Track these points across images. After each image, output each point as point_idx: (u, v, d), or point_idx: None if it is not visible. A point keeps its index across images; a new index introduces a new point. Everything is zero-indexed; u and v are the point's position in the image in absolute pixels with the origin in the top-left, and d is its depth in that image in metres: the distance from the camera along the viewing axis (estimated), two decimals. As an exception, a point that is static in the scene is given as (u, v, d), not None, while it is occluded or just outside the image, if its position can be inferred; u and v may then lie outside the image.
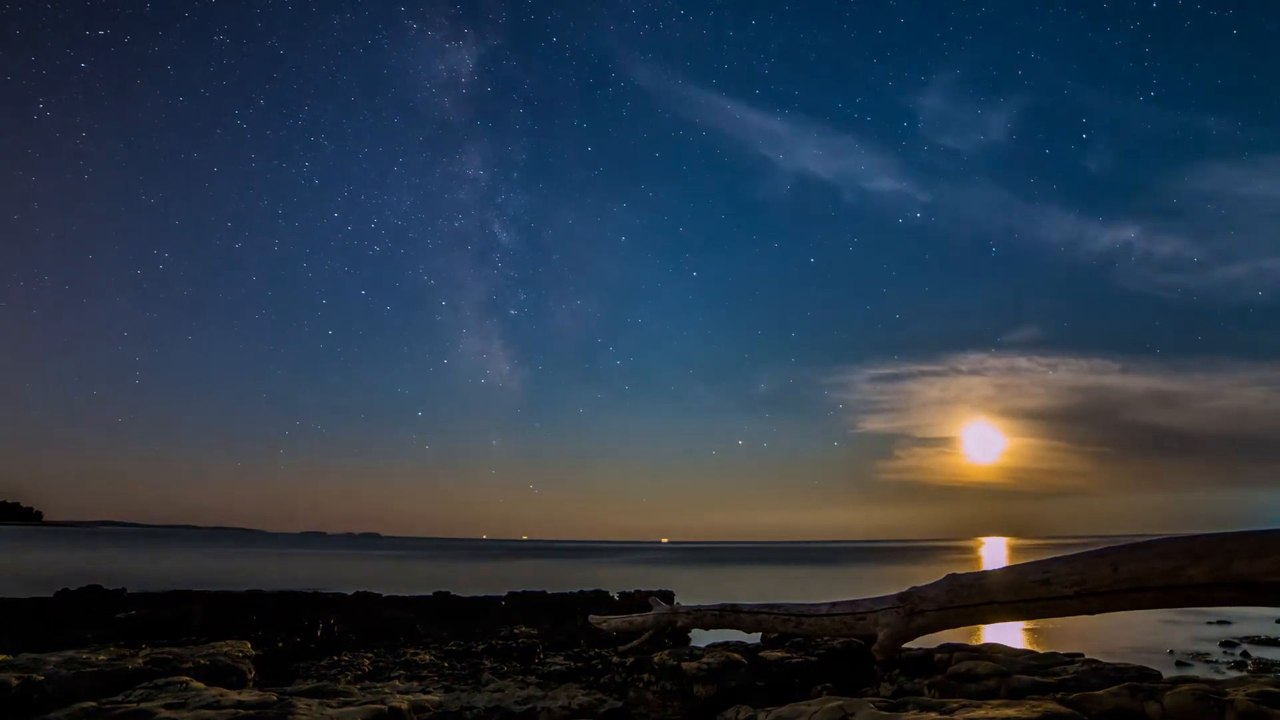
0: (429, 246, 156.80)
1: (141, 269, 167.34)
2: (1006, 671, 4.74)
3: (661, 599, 9.54)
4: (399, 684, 6.44)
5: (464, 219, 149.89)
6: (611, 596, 13.38)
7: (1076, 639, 10.62)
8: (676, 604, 8.50)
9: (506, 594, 13.18)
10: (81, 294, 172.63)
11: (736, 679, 5.58)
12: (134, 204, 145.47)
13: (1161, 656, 9.82)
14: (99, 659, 5.31)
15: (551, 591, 13.34)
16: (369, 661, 7.62)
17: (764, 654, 6.32)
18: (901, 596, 4.64)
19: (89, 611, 9.66)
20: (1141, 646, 10.57)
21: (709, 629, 7.23)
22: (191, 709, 3.97)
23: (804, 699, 4.76)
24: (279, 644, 8.45)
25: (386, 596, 12.52)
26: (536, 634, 10.01)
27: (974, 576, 4.17)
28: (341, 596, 12.08)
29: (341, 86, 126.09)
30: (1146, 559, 3.14)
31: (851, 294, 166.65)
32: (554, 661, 7.60)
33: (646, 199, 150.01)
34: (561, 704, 5.68)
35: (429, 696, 5.70)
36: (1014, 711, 3.32)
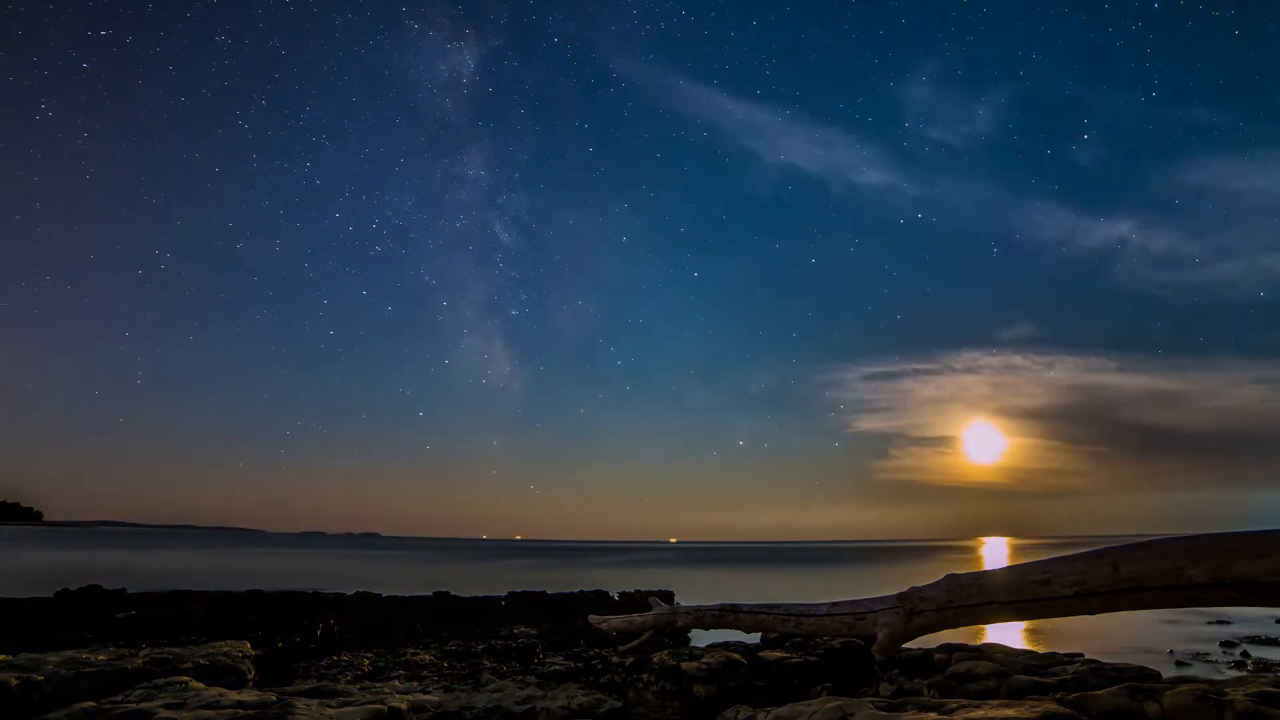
0: (430, 247, 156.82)
1: (143, 269, 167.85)
2: (1006, 671, 4.74)
3: (661, 599, 9.54)
4: (399, 684, 6.44)
5: (465, 219, 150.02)
6: (611, 596, 13.38)
7: (1076, 639, 10.60)
8: (676, 604, 8.50)
9: (506, 594, 13.20)
10: (83, 294, 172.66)
11: (736, 679, 5.58)
12: (136, 204, 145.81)
13: (1161, 656, 9.81)
14: (99, 659, 5.31)
15: (551, 591, 13.35)
16: (369, 661, 7.62)
17: (764, 654, 6.31)
18: (901, 597, 4.64)
19: (89, 611, 9.67)
20: (1141, 646, 10.57)
21: (709, 629, 7.23)
22: (191, 709, 3.97)
23: (803, 699, 4.76)
24: (279, 644, 8.45)
25: (386, 596, 12.54)
26: (536, 634, 10.01)
27: (973, 576, 4.17)
28: (341, 596, 12.09)
29: (343, 87, 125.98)
30: (1146, 559, 3.14)
31: (850, 293, 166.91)
32: (554, 661, 7.60)
33: (648, 199, 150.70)
34: (561, 704, 5.68)
35: (429, 696, 5.71)
36: (1013, 712, 3.32)
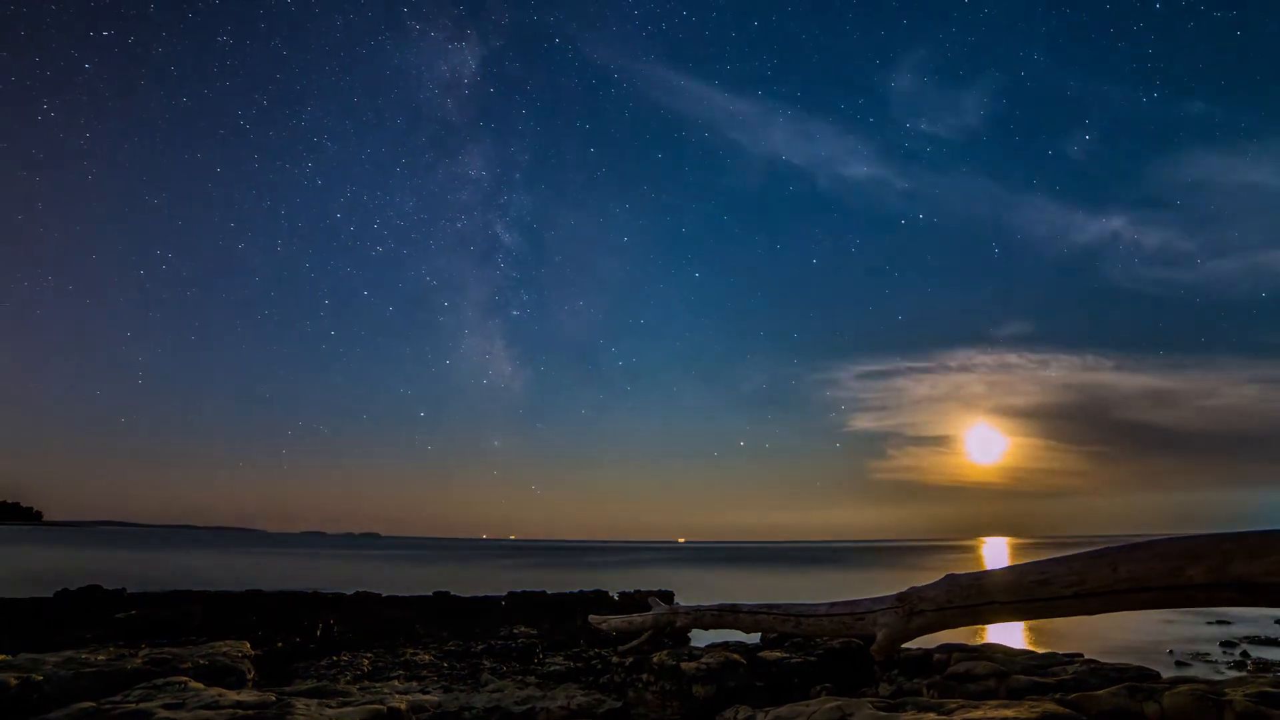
0: (431, 247, 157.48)
1: (144, 269, 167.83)
2: (1005, 672, 4.73)
3: (661, 599, 9.54)
4: (398, 684, 6.44)
5: (466, 220, 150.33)
6: (611, 596, 13.39)
7: (1076, 639, 10.60)
8: (676, 604, 8.50)
9: (506, 594, 13.20)
10: (84, 294, 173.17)
11: (735, 679, 5.58)
12: (137, 204, 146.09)
13: (1161, 656, 9.82)
14: (98, 659, 5.31)
15: (551, 592, 13.35)
16: (368, 662, 7.62)
17: (763, 654, 6.31)
18: (900, 597, 4.63)
19: (89, 611, 9.67)
20: (1141, 646, 10.57)
21: (708, 629, 7.23)
22: (190, 709, 3.97)
23: (803, 699, 4.76)
24: (278, 644, 8.45)
25: (386, 596, 12.53)
26: (536, 634, 10.01)
27: (973, 577, 4.16)
28: (341, 596, 12.09)
29: (344, 87, 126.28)
30: (1146, 559, 3.13)
31: (850, 293, 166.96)
32: (553, 662, 7.60)
33: (648, 199, 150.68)
34: (560, 704, 5.68)
35: (428, 697, 5.71)
36: (1012, 712, 3.32)
